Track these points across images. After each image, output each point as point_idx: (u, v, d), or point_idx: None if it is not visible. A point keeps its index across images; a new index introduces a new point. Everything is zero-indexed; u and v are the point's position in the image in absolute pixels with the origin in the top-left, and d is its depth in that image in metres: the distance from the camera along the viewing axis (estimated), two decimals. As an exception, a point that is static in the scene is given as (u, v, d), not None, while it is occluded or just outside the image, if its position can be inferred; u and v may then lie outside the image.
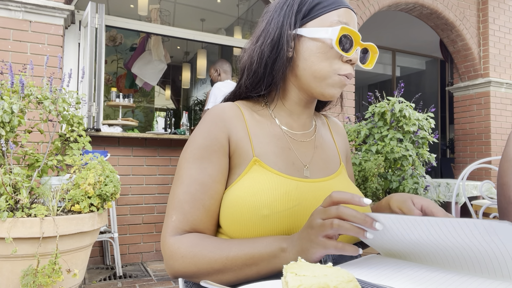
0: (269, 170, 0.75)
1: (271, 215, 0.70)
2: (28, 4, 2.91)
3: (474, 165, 1.58)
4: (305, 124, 0.86)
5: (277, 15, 0.80)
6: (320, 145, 0.86)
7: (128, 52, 7.11)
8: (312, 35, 0.76)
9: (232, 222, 0.72)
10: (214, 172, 0.75)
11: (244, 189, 0.73)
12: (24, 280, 1.76)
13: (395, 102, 2.91)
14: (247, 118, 0.81)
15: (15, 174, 1.87)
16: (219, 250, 0.68)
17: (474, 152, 5.33)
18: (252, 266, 0.66)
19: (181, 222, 0.73)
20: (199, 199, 0.74)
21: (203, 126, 0.79)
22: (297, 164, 0.80)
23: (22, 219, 1.80)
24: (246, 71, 0.82)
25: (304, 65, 0.78)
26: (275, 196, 0.71)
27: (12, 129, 1.97)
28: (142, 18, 5.68)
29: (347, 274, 0.44)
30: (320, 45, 0.76)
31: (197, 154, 0.76)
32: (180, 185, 0.75)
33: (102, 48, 3.31)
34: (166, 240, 0.73)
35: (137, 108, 7.50)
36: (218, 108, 0.80)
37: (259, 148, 0.78)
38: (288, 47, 0.77)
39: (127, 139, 3.40)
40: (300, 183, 0.76)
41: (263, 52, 0.79)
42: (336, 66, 0.77)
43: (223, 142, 0.77)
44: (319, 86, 0.78)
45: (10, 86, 2.04)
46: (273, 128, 0.82)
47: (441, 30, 5.31)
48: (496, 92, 5.25)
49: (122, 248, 3.35)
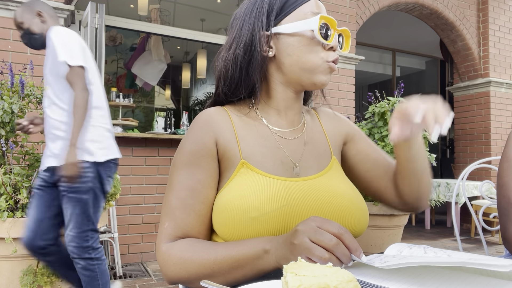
0: (257, 172, 0.76)
1: (260, 217, 0.70)
2: (28, 4, 2.90)
3: (474, 165, 1.58)
4: (293, 120, 0.85)
5: (248, 18, 0.80)
6: (310, 141, 0.85)
7: (128, 52, 7.11)
8: (291, 30, 0.77)
9: (224, 225, 0.72)
10: (203, 177, 0.76)
11: (233, 192, 0.73)
12: (24, 280, 1.76)
13: (395, 102, 2.92)
14: (234, 121, 0.81)
15: (15, 174, 1.87)
16: (206, 254, 0.69)
17: (474, 152, 5.33)
18: (238, 269, 0.67)
19: (173, 229, 0.74)
20: (190, 205, 0.74)
21: (190, 132, 0.79)
22: (286, 162, 0.80)
23: (22, 219, 1.80)
24: (222, 78, 0.82)
25: (290, 61, 0.78)
26: (262, 198, 0.71)
27: (12, 129, 1.97)
28: (142, 18, 5.68)
29: (347, 274, 0.44)
30: (301, 38, 0.77)
31: (185, 160, 0.77)
32: (170, 192, 0.76)
33: (102, 48, 3.31)
34: (159, 247, 0.74)
35: (137, 108, 7.51)
36: (205, 113, 0.81)
37: (246, 150, 0.78)
38: (262, 48, 0.78)
39: (127, 139, 3.40)
40: (288, 182, 0.76)
41: (236, 57, 0.79)
42: (322, 54, 0.78)
43: (211, 146, 0.77)
44: (310, 77, 0.78)
45: (10, 86, 2.04)
46: (261, 128, 0.82)
47: (441, 30, 5.31)
48: (496, 92, 5.25)
49: (122, 248, 3.35)
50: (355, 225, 0.76)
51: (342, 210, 0.75)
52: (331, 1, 4.24)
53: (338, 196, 0.76)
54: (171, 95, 8.83)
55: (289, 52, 0.78)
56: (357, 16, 4.48)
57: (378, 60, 7.40)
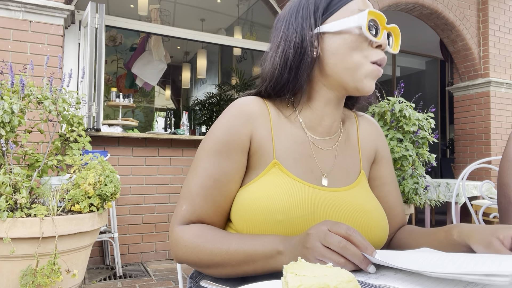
0: (288, 174, 0.74)
1: (285, 221, 0.69)
2: (28, 4, 2.91)
3: (474, 165, 1.58)
4: (330, 129, 0.82)
5: (294, 18, 0.78)
6: (341, 153, 0.83)
7: (128, 52, 7.11)
8: (337, 28, 0.74)
9: (244, 222, 0.72)
10: (230, 170, 0.74)
11: (259, 191, 0.72)
12: (23, 280, 1.76)
13: (395, 102, 2.91)
14: (272, 116, 0.79)
15: (15, 174, 1.87)
16: (219, 244, 0.69)
17: (474, 152, 5.33)
18: (250, 263, 0.67)
19: (190, 213, 0.74)
20: (211, 195, 0.74)
21: (225, 119, 0.77)
22: (316, 172, 0.78)
23: (22, 219, 1.80)
24: (269, 78, 0.79)
25: (334, 60, 0.75)
26: (290, 202, 0.70)
27: (12, 129, 1.97)
28: (142, 18, 5.68)
29: (347, 274, 0.44)
30: (347, 36, 0.74)
31: (214, 148, 0.75)
32: (194, 177, 0.75)
33: (102, 48, 3.31)
34: (173, 228, 0.75)
35: (137, 108, 7.51)
36: (243, 102, 0.78)
37: (280, 151, 0.76)
38: (311, 48, 0.75)
39: (127, 139, 3.40)
40: (317, 190, 0.74)
41: (286, 57, 0.76)
42: (367, 52, 0.74)
43: (244, 140, 0.75)
44: (353, 80, 0.74)
45: (10, 86, 2.04)
46: (297, 132, 0.80)
47: (441, 30, 5.31)
48: (496, 92, 5.25)
49: (122, 248, 3.35)
50: (374, 242, 0.76)
51: (365, 226, 0.74)
52: (331, 1, 4.24)
53: (362, 212, 0.75)
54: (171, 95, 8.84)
55: (333, 51, 0.75)
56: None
57: (378, 60, 7.40)
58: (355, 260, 0.56)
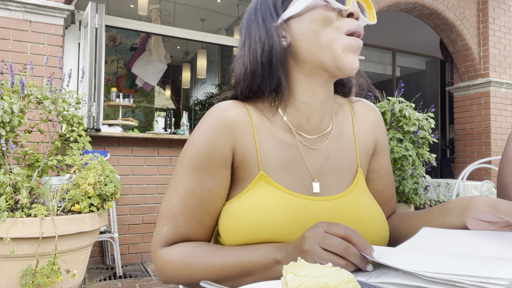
0: (276, 187, 0.69)
1: (275, 239, 0.66)
2: (28, 4, 2.91)
3: (474, 165, 1.58)
4: (320, 124, 0.75)
5: (254, 15, 0.74)
6: (334, 151, 0.76)
7: (128, 52, 7.11)
8: (300, 8, 0.69)
9: (232, 237, 0.69)
10: (214, 186, 0.70)
11: (247, 206, 0.68)
12: (23, 280, 1.76)
13: (395, 102, 2.91)
14: (255, 121, 0.73)
15: (15, 174, 1.87)
16: (212, 260, 0.66)
17: (474, 152, 5.33)
18: (247, 276, 0.65)
19: (173, 234, 0.70)
20: (196, 215, 0.70)
21: (204, 130, 0.71)
22: (306, 179, 0.73)
23: (22, 219, 1.80)
24: (243, 79, 0.73)
25: (306, 42, 0.69)
26: (280, 218, 0.66)
27: (12, 129, 1.97)
28: (142, 18, 5.68)
29: (347, 274, 0.44)
30: (313, 12, 0.68)
31: (195, 163, 0.69)
32: (175, 195, 0.70)
33: (102, 48, 3.31)
34: (156, 251, 0.70)
35: (137, 108, 7.51)
36: (222, 108, 0.72)
37: (266, 161, 0.71)
38: (279, 38, 0.69)
39: (127, 139, 3.40)
40: (308, 202, 0.69)
41: (255, 54, 0.71)
42: (338, 24, 0.68)
43: (226, 153, 0.70)
44: (331, 58, 0.67)
45: (10, 86, 2.04)
46: (282, 134, 0.73)
47: (441, 30, 5.31)
48: (496, 92, 5.25)
49: (122, 248, 3.35)
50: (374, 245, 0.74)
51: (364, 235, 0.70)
52: (331, 1, 4.24)
53: (360, 222, 0.71)
54: (171, 95, 8.84)
55: (303, 33, 0.69)
56: (357, 16, 4.48)
57: (378, 60, 7.40)
58: (355, 260, 0.55)
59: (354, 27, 0.68)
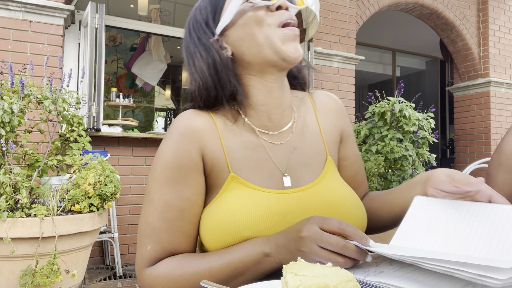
0: (248, 186, 0.70)
1: (254, 235, 0.66)
2: (28, 4, 2.91)
3: (474, 165, 1.58)
4: (281, 119, 0.77)
5: (190, 36, 0.78)
6: (300, 144, 0.78)
7: (128, 52, 7.11)
8: (230, 17, 0.72)
9: (214, 242, 0.68)
10: (191, 195, 0.70)
11: (222, 209, 0.68)
12: (23, 280, 1.76)
13: (395, 102, 2.91)
14: (220, 127, 0.74)
15: (15, 174, 1.87)
16: (200, 269, 0.65)
17: (474, 152, 5.33)
18: (238, 276, 0.64)
19: (157, 252, 0.68)
20: (179, 227, 0.69)
21: (171, 140, 0.71)
22: (275, 175, 0.74)
23: (22, 219, 1.80)
24: (199, 95, 0.75)
25: (247, 45, 0.72)
26: (256, 215, 0.67)
27: (12, 129, 1.97)
28: (142, 18, 5.68)
29: (347, 273, 0.44)
30: (243, 17, 0.72)
31: (169, 175, 0.69)
32: (153, 212, 0.69)
33: (102, 48, 3.31)
34: (142, 272, 0.68)
35: (137, 108, 7.50)
36: (187, 117, 0.73)
37: (235, 163, 0.72)
38: (219, 51, 0.73)
39: (127, 139, 3.40)
40: (281, 196, 0.70)
41: (202, 70, 0.74)
42: (269, 20, 0.71)
43: (196, 160, 0.70)
44: (273, 52, 0.70)
45: (10, 86, 2.04)
46: (247, 136, 0.75)
47: (441, 30, 5.31)
48: (496, 92, 5.25)
49: (122, 248, 3.35)
50: None
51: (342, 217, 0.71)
52: (331, 1, 4.24)
53: (335, 205, 0.72)
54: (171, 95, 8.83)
55: (241, 39, 0.72)
56: (357, 16, 4.48)
57: (378, 60, 7.40)
58: (354, 256, 0.55)
59: (285, 19, 0.71)
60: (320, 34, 4.15)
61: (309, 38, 4.09)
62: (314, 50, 4.09)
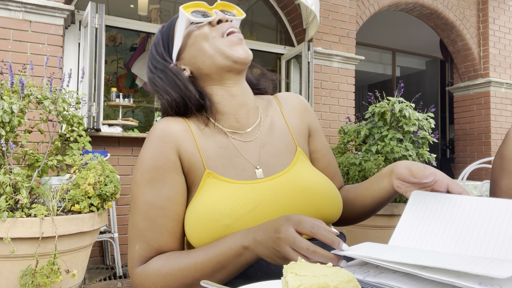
0: (223, 180, 0.75)
1: (233, 223, 0.70)
2: (28, 4, 2.91)
3: (474, 165, 1.58)
4: (248, 118, 0.84)
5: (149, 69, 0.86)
6: (269, 140, 0.84)
7: (128, 52, 7.10)
8: (180, 41, 0.82)
9: (199, 238, 0.72)
10: (171, 193, 0.74)
11: (202, 204, 0.72)
12: (23, 280, 1.76)
13: (395, 102, 2.91)
14: (194, 130, 0.80)
15: (15, 174, 1.87)
16: (185, 264, 0.68)
17: (474, 152, 5.33)
18: (222, 270, 0.67)
19: (145, 251, 0.72)
20: (161, 224, 0.73)
21: (150, 145, 0.77)
22: (248, 169, 0.79)
23: (22, 219, 1.80)
24: (171, 109, 0.83)
25: (200, 59, 0.81)
26: (232, 204, 0.71)
27: (12, 129, 1.97)
28: (142, 18, 5.68)
29: (347, 274, 0.44)
30: (191, 37, 0.81)
31: (149, 177, 0.74)
32: (137, 213, 0.73)
33: (102, 48, 3.31)
34: (133, 271, 0.73)
35: (137, 108, 7.50)
36: (163, 123, 0.79)
37: (209, 161, 0.77)
38: (179, 73, 0.81)
39: (127, 139, 3.40)
40: (255, 185, 0.75)
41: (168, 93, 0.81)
42: (214, 33, 0.80)
43: (174, 159, 0.75)
44: (225, 59, 0.79)
45: (10, 86, 2.04)
46: (219, 137, 0.81)
47: (441, 30, 5.31)
48: (496, 92, 5.25)
49: (122, 248, 3.35)
50: (329, 212, 0.78)
51: (313, 201, 0.75)
52: (331, 1, 4.24)
53: (307, 189, 0.76)
54: (171, 95, 8.83)
55: (194, 56, 0.81)
56: (357, 16, 4.48)
57: (378, 60, 7.40)
58: (326, 261, 0.57)
59: (226, 29, 0.80)
60: (320, 34, 4.15)
61: (309, 38, 4.09)
62: (314, 50, 4.08)
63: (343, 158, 2.95)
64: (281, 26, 4.57)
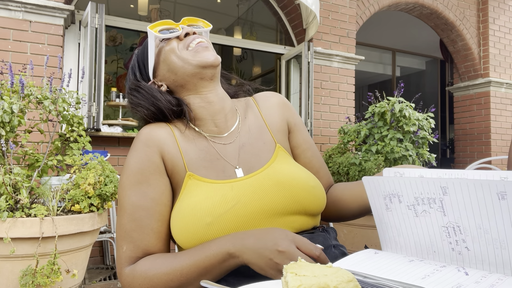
0: (204, 180, 0.78)
1: (214, 221, 0.72)
2: (28, 4, 2.91)
3: (474, 165, 1.58)
4: (226, 122, 0.87)
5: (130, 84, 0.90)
6: (247, 140, 0.87)
7: (128, 52, 7.11)
8: (153, 59, 0.88)
9: (184, 238, 0.73)
10: (156, 195, 0.76)
11: (185, 205, 0.74)
12: (23, 280, 1.76)
13: (395, 102, 2.91)
14: (176, 134, 0.83)
15: (15, 174, 1.87)
16: (171, 269, 0.70)
17: (474, 152, 5.33)
18: (207, 275, 0.69)
19: (133, 251, 0.74)
20: (147, 225, 0.75)
21: (134, 149, 0.80)
22: (228, 169, 0.81)
23: (22, 219, 1.80)
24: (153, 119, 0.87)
25: (173, 72, 0.85)
26: (213, 202, 0.73)
27: (12, 129, 1.97)
28: (142, 18, 5.68)
29: (347, 274, 0.44)
30: (162, 53, 0.87)
31: (134, 179, 0.77)
32: (123, 215, 0.76)
33: (102, 48, 3.31)
34: (121, 272, 0.74)
35: (137, 108, 7.50)
36: (147, 129, 0.83)
37: (191, 163, 0.80)
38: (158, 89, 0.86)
39: (127, 139, 3.40)
40: (235, 183, 0.77)
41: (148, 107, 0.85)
42: (180, 45, 0.86)
43: (158, 162, 0.78)
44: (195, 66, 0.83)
45: (10, 86, 2.04)
46: (200, 140, 0.84)
47: (441, 30, 5.32)
48: (496, 92, 5.25)
49: (122, 248, 3.35)
50: (310, 204, 0.78)
51: (293, 195, 0.76)
52: (331, 1, 4.24)
53: (285, 183, 0.77)
54: (171, 95, 8.83)
55: (168, 71, 0.86)
56: (357, 16, 4.48)
57: (378, 60, 7.40)
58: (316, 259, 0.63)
59: (191, 40, 0.85)
60: (320, 34, 4.15)
61: (309, 38, 4.09)
62: (314, 50, 4.08)
63: (343, 158, 2.95)
64: (281, 26, 4.57)
